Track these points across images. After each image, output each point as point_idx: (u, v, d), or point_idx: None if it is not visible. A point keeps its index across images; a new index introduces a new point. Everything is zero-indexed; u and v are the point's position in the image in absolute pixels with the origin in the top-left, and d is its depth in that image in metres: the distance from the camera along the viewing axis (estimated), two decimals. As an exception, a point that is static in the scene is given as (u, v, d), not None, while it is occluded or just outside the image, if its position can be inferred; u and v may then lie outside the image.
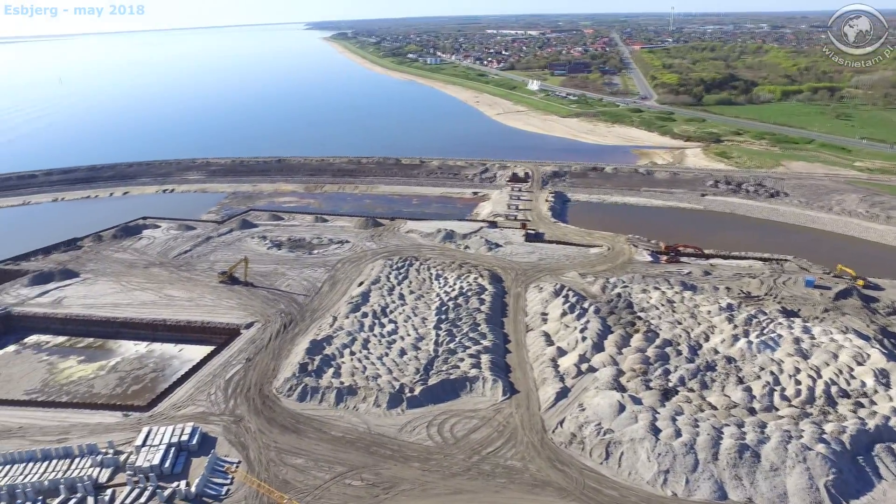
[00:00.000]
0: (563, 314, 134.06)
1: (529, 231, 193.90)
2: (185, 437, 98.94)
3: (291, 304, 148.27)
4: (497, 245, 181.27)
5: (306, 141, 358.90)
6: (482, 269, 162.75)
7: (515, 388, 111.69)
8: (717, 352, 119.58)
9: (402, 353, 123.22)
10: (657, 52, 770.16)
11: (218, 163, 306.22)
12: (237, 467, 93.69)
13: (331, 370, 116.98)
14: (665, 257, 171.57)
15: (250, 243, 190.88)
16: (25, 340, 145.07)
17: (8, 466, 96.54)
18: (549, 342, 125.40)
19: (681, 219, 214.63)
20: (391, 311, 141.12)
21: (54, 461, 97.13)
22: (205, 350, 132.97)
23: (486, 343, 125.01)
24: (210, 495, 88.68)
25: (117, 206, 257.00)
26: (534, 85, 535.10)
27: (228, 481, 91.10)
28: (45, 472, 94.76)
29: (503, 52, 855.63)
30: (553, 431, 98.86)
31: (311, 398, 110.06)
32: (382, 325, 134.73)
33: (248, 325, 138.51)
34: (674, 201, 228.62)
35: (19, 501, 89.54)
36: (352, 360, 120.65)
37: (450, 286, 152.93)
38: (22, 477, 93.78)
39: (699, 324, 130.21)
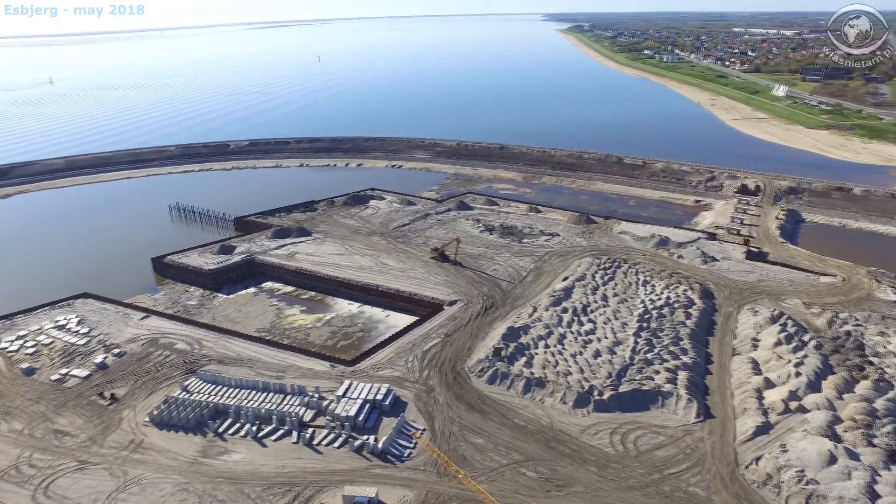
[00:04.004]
0: (778, 343, 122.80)
1: (752, 248, 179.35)
2: (379, 397, 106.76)
3: (495, 289, 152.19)
4: (713, 259, 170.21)
5: (529, 130, 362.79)
6: (693, 281, 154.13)
7: (711, 413, 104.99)
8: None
9: (597, 354, 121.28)
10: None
11: (444, 144, 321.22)
12: (422, 434, 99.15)
13: (523, 359, 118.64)
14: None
15: (464, 224, 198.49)
16: (263, 285, 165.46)
17: (237, 390, 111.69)
18: (757, 371, 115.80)
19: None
20: (592, 311, 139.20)
21: (271, 394, 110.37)
22: (409, 319, 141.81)
23: (686, 359, 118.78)
24: (393, 454, 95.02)
25: (351, 175, 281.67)
26: (780, 90, 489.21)
27: (412, 445, 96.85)
28: (262, 401, 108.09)
29: (749, 53, 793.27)
30: (746, 467, 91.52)
31: (500, 382, 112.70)
32: (581, 324, 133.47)
33: (452, 303, 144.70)
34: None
35: (241, 420, 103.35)
36: (545, 352, 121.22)
37: (656, 294, 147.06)
38: (246, 401, 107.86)
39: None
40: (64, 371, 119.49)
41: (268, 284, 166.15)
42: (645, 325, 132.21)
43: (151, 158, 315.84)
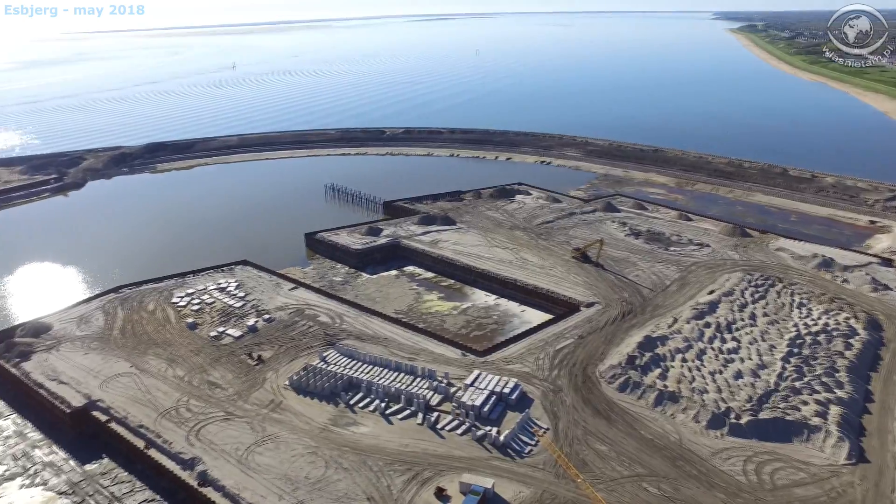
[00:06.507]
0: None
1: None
2: (506, 390, 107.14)
3: (635, 295, 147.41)
4: (886, 287, 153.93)
5: (686, 134, 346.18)
6: (859, 309, 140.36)
7: (865, 457, 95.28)
8: None
9: (738, 375, 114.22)
10: None
11: (596, 143, 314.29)
12: (545, 433, 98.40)
13: (657, 370, 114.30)
14: None
15: (609, 226, 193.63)
16: (405, 268, 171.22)
17: (370, 366, 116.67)
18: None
19: None
20: (737, 329, 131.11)
21: (402, 374, 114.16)
22: (544, 316, 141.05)
23: (840, 394, 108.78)
24: (514, 449, 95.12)
25: (499, 169, 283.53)
26: None
27: (534, 442, 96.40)
28: (393, 380, 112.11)
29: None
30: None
31: (630, 391, 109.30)
32: (724, 341, 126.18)
33: (589, 305, 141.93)
34: None
35: (372, 396, 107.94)
36: (682, 366, 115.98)
37: (812, 319, 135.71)
38: (378, 378, 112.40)
39: None
40: (221, 329, 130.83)
41: (409, 268, 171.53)
42: (796, 350, 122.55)
43: (313, 140, 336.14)
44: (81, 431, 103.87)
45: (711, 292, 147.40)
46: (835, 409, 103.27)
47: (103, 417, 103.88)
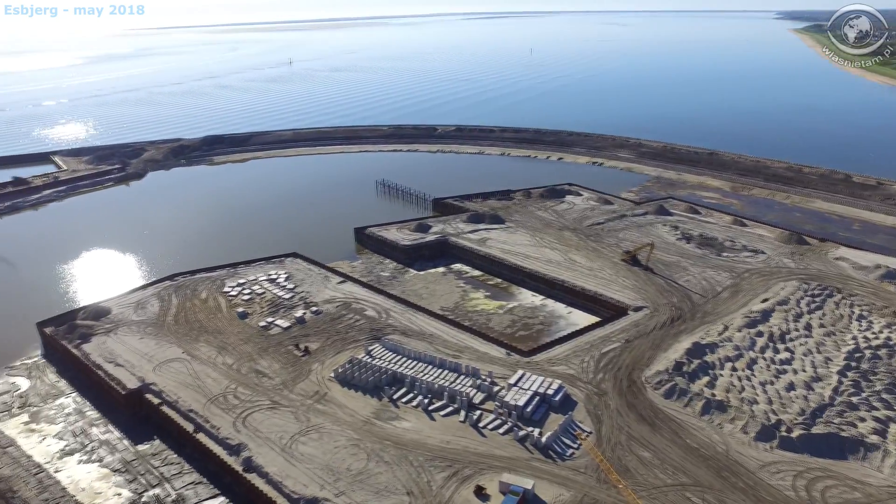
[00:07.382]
0: None
1: None
2: (550, 392, 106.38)
3: (685, 301, 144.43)
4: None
5: (743, 137, 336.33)
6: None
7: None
8: None
9: (790, 387, 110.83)
10: None
11: (649, 145, 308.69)
12: (588, 436, 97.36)
13: (706, 378, 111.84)
14: None
15: (660, 230, 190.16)
16: (452, 266, 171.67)
17: (414, 362, 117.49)
18: None
19: None
20: (791, 340, 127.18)
21: (445, 371, 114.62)
22: (590, 319, 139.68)
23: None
24: (555, 451, 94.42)
25: (550, 168, 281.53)
26: None
27: (576, 446, 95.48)
28: (437, 376, 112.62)
29: None
30: (963, 546, 78.83)
31: (677, 398, 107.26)
32: (776, 351, 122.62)
33: (637, 309, 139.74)
34: None
35: (415, 391, 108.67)
36: (731, 375, 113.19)
37: (873, 332, 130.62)
38: (421, 374, 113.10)
39: None
40: (270, 319, 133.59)
41: (457, 266, 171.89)
42: (854, 364, 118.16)
43: (365, 136, 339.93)
44: (135, 412, 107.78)
45: (765, 300, 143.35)
46: (895, 428, 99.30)
47: (156, 400, 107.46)
